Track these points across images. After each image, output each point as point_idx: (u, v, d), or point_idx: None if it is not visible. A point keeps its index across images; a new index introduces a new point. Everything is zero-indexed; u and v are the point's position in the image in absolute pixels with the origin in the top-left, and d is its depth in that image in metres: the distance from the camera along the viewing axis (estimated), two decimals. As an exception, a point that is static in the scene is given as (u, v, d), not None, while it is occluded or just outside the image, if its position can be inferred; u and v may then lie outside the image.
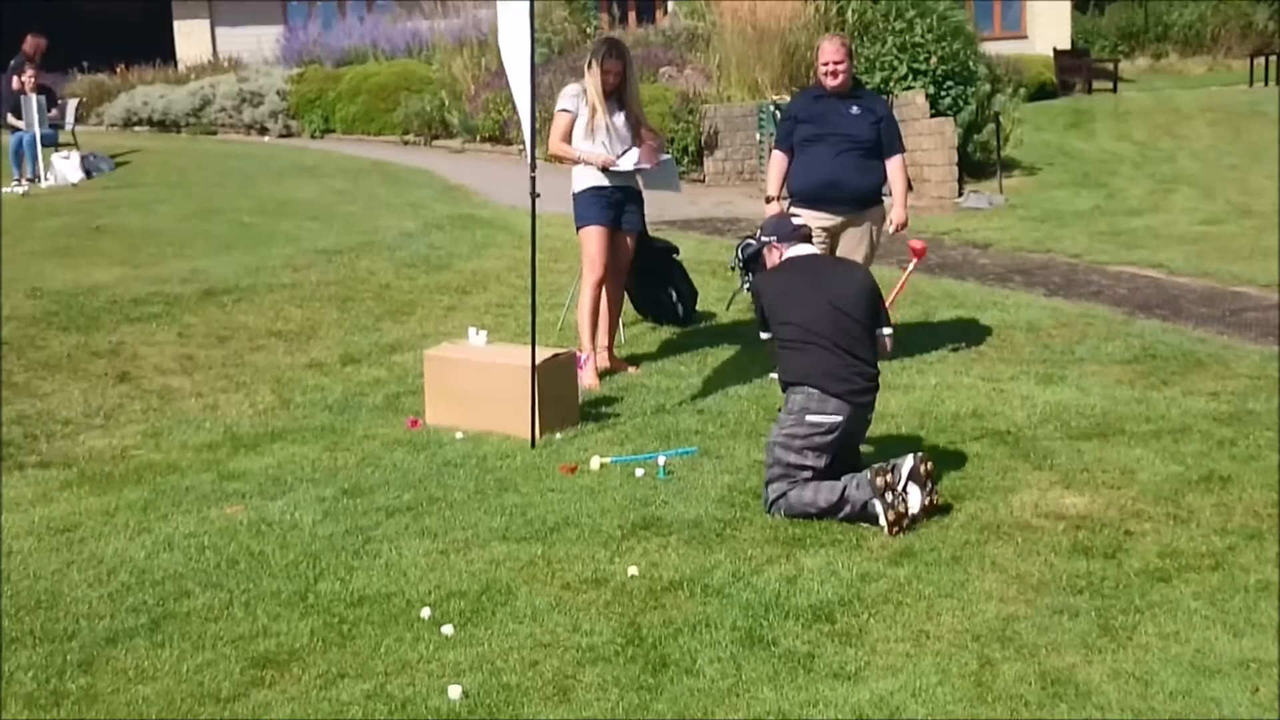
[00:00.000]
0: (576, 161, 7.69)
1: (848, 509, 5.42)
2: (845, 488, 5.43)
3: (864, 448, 6.13)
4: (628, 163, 7.66)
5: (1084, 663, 4.23)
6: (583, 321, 7.79)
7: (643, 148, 7.73)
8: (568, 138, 7.69)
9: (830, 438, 5.58)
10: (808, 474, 5.51)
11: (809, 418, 5.56)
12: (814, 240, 7.67)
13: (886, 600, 4.73)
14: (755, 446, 6.47)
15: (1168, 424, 6.74)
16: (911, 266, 8.23)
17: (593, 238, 7.72)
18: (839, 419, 5.58)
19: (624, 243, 7.91)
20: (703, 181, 17.49)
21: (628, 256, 7.99)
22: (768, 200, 7.96)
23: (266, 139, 22.79)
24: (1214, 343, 8.59)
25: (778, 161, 7.91)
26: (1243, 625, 4.48)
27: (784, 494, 5.50)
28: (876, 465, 5.42)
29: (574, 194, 7.76)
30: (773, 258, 6.13)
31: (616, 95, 7.70)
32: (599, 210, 7.71)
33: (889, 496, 5.30)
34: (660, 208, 12.86)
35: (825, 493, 5.45)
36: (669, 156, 8.17)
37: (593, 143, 7.65)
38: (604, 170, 7.64)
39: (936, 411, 7.00)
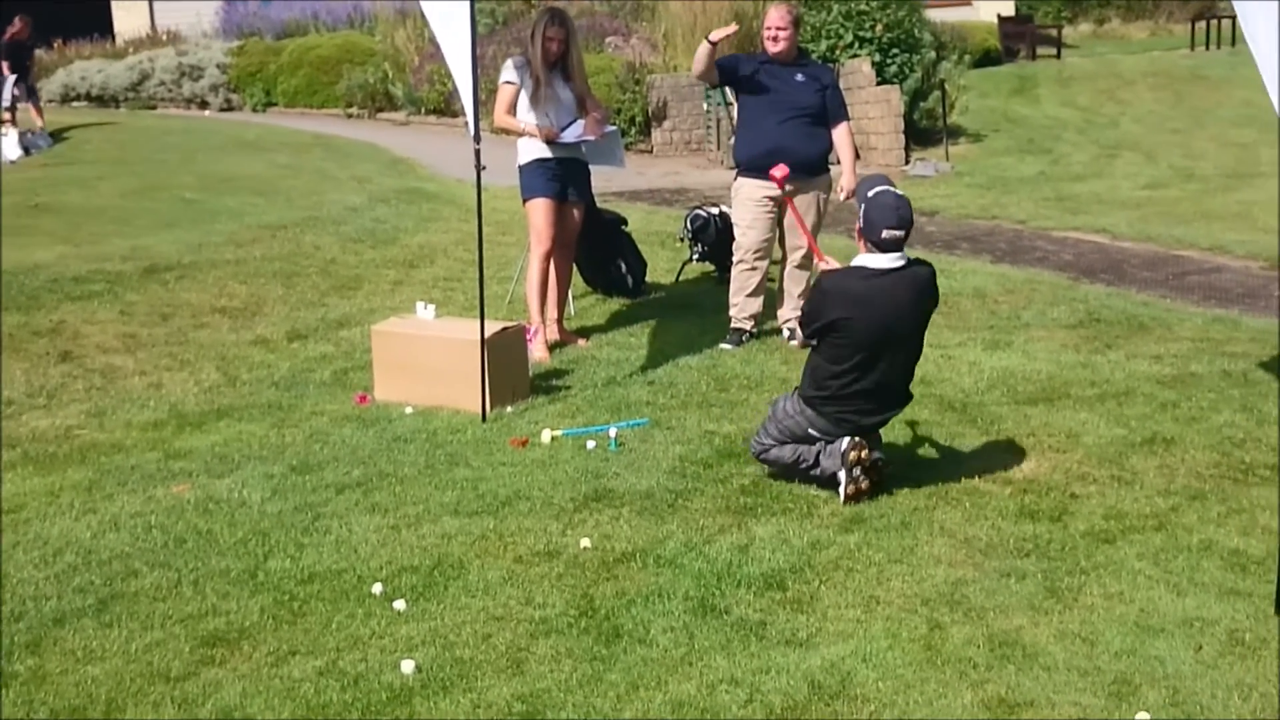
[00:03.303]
0: (521, 133, 7.65)
1: (816, 472, 5.45)
2: (819, 453, 5.44)
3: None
4: (571, 134, 7.62)
5: (1031, 624, 4.28)
6: (531, 294, 7.77)
7: (587, 119, 7.69)
8: (512, 110, 7.63)
9: None
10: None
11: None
12: (762, 209, 7.70)
13: (837, 567, 4.75)
14: (706, 417, 6.49)
15: (1112, 387, 6.82)
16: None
17: (539, 210, 7.69)
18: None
19: (571, 215, 7.88)
20: (650, 152, 17.48)
21: (575, 228, 7.96)
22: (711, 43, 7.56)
23: (207, 113, 22.54)
24: (1157, 306, 8.70)
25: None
26: (1185, 584, 4.55)
27: (770, 449, 5.56)
28: (855, 439, 5.37)
29: (519, 166, 7.72)
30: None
31: (561, 66, 7.65)
32: (544, 182, 7.67)
33: (855, 471, 5.32)
34: (607, 179, 12.82)
35: (804, 453, 5.47)
36: (614, 129, 8.12)
37: (537, 115, 7.61)
38: (548, 142, 7.60)
39: (885, 379, 7.03)
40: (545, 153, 7.63)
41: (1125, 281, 9.56)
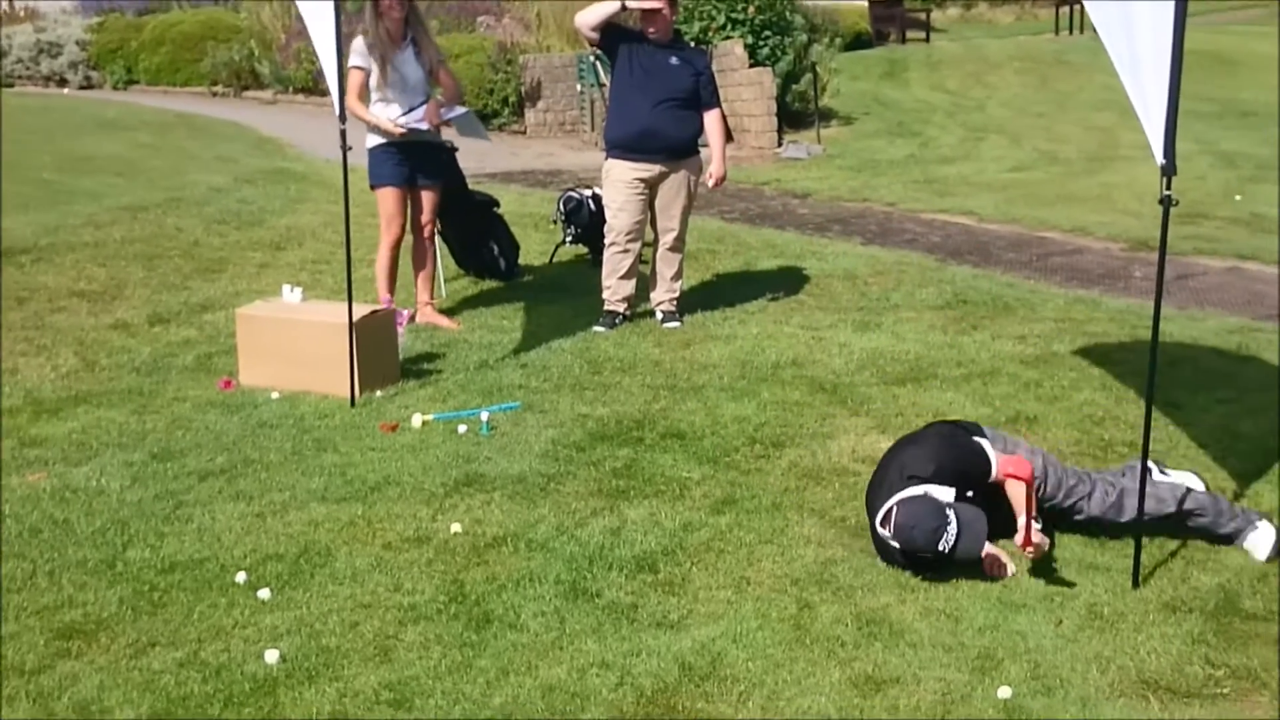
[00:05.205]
0: (371, 124, 7.48)
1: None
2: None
3: (690, 406, 6.17)
4: (412, 121, 7.47)
5: (898, 602, 4.33)
6: (380, 280, 7.67)
7: (429, 104, 7.55)
8: (363, 94, 7.46)
9: None
10: None
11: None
12: (633, 191, 7.68)
13: (708, 549, 4.76)
14: (579, 400, 6.46)
15: (978, 367, 6.94)
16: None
17: (386, 198, 7.57)
18: None
19: (423, 199, 7.75)
20: (524, 133, 17.38)
21: (430, 212, 7.82)
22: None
23: (66, 91, 21.92)
24: (1021, 287, 8.88)
25: None
26: (1046, 560, 4.62)
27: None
28: None
29: (367, 150, 7.55)
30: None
31: (412, 41, 7.51)
32: (391, 168, 7.54)
33: None
34: (480, 160, 12.75)
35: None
36: (465, 110, 7.98)
37: (385, 95, 7.45)
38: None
39: (757, 361, 7.08)
40: (391, 136, 7.48)
41: (991, 263, 9.75)
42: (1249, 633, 4.13)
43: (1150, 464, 5.20)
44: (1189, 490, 4.83)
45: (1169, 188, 4.20)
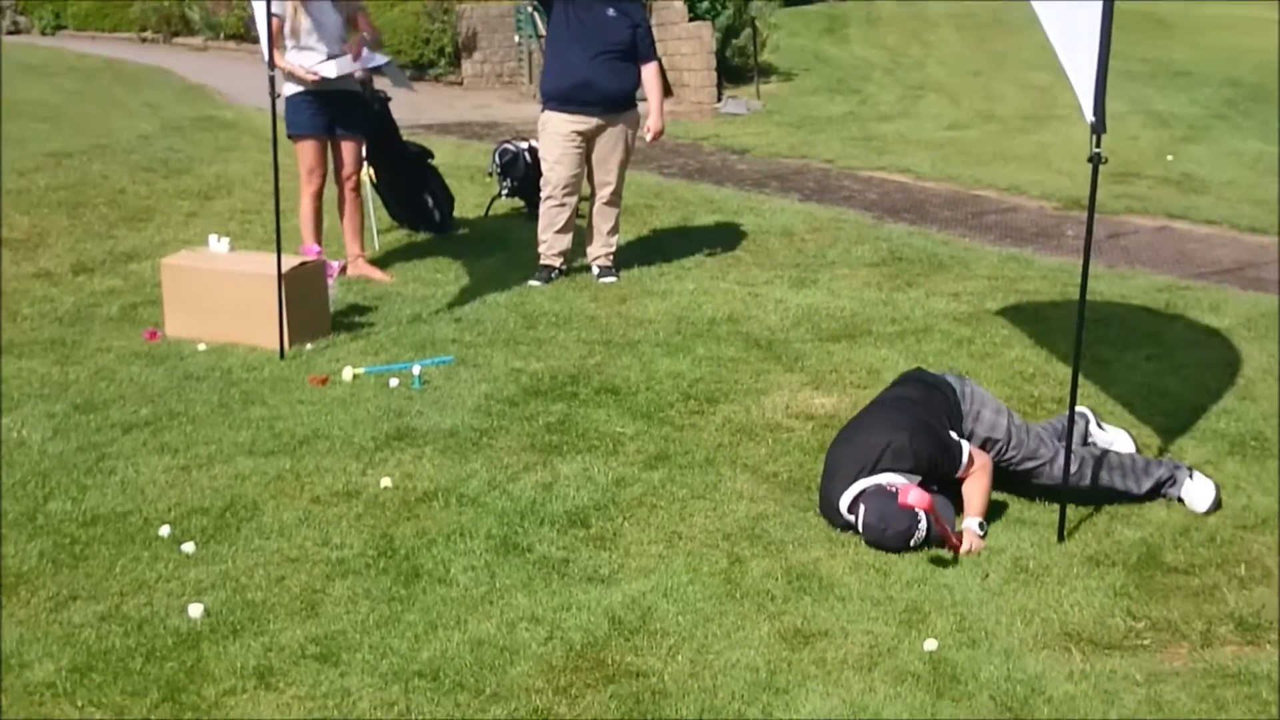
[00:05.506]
0: (290, 72, 7.34)
1: None
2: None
3: (624, 361, 6.13)
4: (333, 69, 7.34)
5: (828, 556, 4.34)
6: (304, 232, 7.56)
7: (353, 39, 7.41)
8: (280, 41, 7.29)
9: None
10: None
11: None
12: (569, 144, 7.61)
13: (641, 504, 4.75)
14: (513, 354, 6.42)
15: (911, 324, 6.96)
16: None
17: (305, 149, 7.44)
18: None
19: (343, 150, 7.62)
20: (460, 84, 17.20)
21: (353, 162, 7.68)
22: None
23: (-8, 35, 21.42)
24: (956, 245, 8.91)
25: None
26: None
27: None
28: None
29: (286, 99, 7.38)
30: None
31: None
32: (310, 118, 7.40)
33: None
34: (415, 111, 12.60)
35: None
36: (389, 59, 7.85)
37: (298, 43, 7.30)
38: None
39: (693, 316, 7.06)
40: (309, 85, 7.35)
41: (926, 220, 9.77)
42: (1170, 586, 4.19)
43: (1088, 413, 5.26)
44: (1106, 453, 4.87)
45: (1099, 145, 4.21)
